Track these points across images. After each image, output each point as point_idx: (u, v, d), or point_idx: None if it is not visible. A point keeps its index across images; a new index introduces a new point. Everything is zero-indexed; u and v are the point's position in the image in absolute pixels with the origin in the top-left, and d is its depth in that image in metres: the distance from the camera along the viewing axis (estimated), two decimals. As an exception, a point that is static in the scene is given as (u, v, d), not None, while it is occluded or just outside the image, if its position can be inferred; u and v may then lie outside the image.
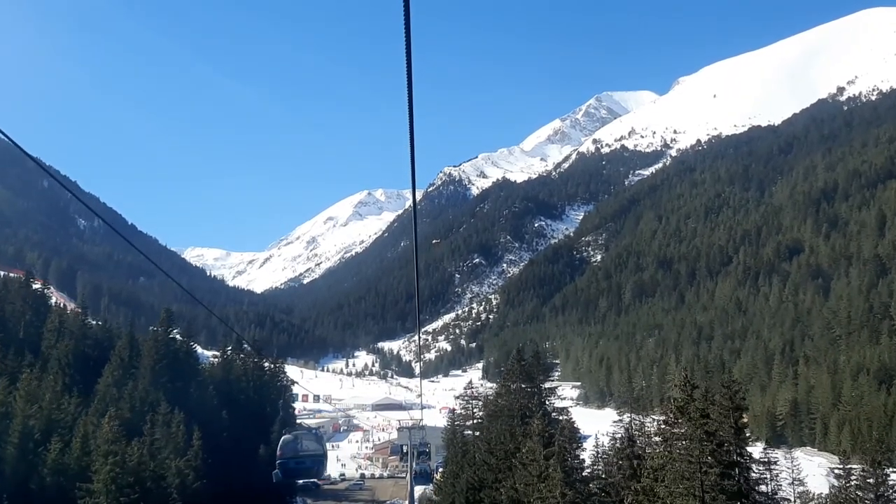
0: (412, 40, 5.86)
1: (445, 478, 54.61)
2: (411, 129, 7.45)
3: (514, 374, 46.32)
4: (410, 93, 6.66)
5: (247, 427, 65.16)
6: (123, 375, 59.25)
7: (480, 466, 43.12)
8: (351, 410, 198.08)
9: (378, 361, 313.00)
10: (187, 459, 49.76)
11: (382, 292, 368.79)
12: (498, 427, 44.98)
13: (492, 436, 45.38)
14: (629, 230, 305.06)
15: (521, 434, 39.55)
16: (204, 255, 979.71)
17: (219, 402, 64.35)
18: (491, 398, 60.34)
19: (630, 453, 28.11)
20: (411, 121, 7.23)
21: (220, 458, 55.14)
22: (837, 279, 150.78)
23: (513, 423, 44.22)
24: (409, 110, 6.98)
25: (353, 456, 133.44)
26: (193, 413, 55.63)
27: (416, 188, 8.64)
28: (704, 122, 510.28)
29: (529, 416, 44.09)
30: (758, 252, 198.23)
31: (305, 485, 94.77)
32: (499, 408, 48.10)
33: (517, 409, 45.30)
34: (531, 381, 47.63)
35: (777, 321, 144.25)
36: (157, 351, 62.10)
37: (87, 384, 58.69)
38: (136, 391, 56.11)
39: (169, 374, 61.52)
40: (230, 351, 77.45)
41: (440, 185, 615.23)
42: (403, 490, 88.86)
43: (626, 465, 27.82)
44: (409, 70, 6.26)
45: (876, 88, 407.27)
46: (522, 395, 45.78)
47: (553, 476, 27.18)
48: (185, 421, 53.16)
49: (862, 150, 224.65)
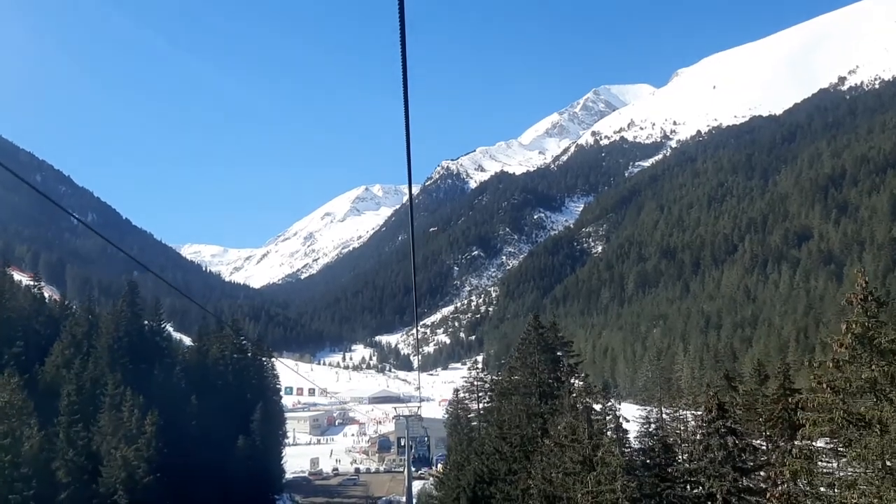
0: (408, 35, 6.03)
1: (449, 470, 48.82)
2: (406, 122, 7.45)
3: (532, 343, 39.10)
4: (405, 87, 6.71)
5: (223, 415, 58.76)
6: (76, 355, 52.78)
7: (490, 456, 37.78)
8: (347, 403, 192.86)
9: (376, 355, 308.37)
10: (137, 449, 42.63)
11: (380, 286, 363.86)
12: (512, 408, 38.71)
13: (504, 418, 39.55)
14: (630, 220, 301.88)
15: (547, 412, 33.86)
16: (201, 251, 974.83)
17: (188, 387, 57.67)
18: (501, 376, 53.67)
19: (725, 428, 21.76)
20: (406, 114, 7.26)
21: (185, 448, 48.80)
22: (850, 264, 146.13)
23: (530, 402, 37.90)
24: (405, 103, 7.03)
25: (348, 450, 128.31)
26: (157, 398, 49.01)
27: (413, 182, 9.18)
28: (704, 113, 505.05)
29: (551, 394, 38.15)
30: (765, 239, 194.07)
31: (295, 480, 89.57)
32: (513, 384, 41.53)
33: (535, 386, 38.35)
34: (552, 353, 40.60)
35: (789, 308, 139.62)
36: (118, 328, 55.77)
37: (38, 364, 52.72)
38: (87, 371, 49.51)
39: (131, 355, 55.10)
40: (209, 334, 70.88)
41: (438, 179, 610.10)
42: (400, 485, 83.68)
43: (717, 445, 21.64)
44: (404, 65, 6.34)
45: (878, 77, 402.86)
46: (542, 369, 38.57)
47: (609, 461, 21.55)
48: (145, 406, 46.52)
49: (868, 136, 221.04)
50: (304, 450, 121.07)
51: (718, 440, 21.08)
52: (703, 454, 21.85)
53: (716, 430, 21.11)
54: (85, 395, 45.00)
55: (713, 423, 21.20)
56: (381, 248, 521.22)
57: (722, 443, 21.02)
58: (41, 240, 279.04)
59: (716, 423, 21.13)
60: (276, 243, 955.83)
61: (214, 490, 49.91)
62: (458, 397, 64.38)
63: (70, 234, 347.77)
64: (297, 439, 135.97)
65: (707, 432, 21.52)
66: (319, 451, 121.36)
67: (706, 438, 21.57)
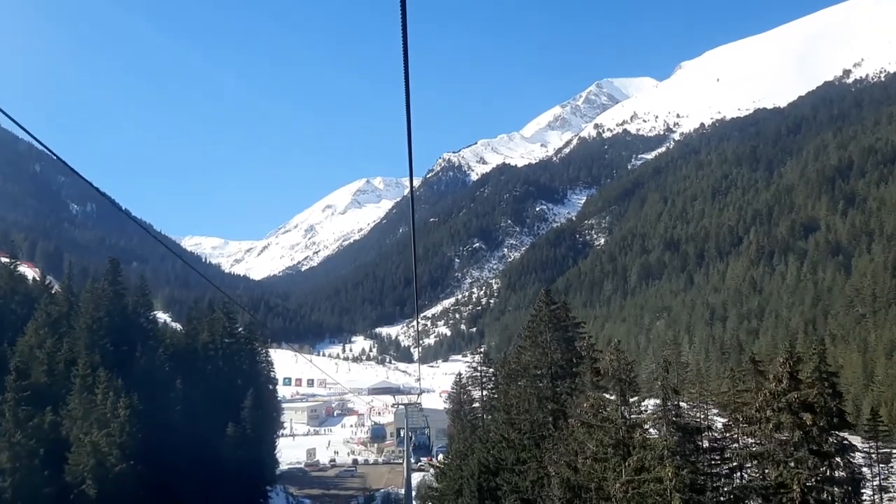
0: (409, 27, 5.95)
1: (451, 459, 46.15)
2: (408, 113, 7.35)
3: (543, 321, 35.11)
4: (406, 80, 6.64)
5: (212, 402, 55.75)
6: (52, 335, 49.55)
7: (497, 444, 35.04)
8: (346, 395, 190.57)
9: (376, 346, 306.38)
10: (108, 434, 39.27)
11: (380, 278, 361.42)
12: (520, 391, 35.44)
13: (511, 403, 36.37)
14: (633, 213, 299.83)
15: (565, 391, 31.05)
16: (202, 243, 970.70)
17: (172, 371, 54.42)
18: (509, 358, 50.21)
19: (798, 402, 18.04)
20: (408, 108, 7.17)
21: (167, 436, 45.95)
22: (859, 256, 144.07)
23: (541, 384, 34.27)
24: (406, 96, 6.97)
25: (346, 441, 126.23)
26: (138, 382, 46.19)
27: (414, 174, 8.68)
28: (708, 106, 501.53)
29: (564, 376, 34.56)
30: (770, 231, 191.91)
31: (291, 471, 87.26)
32: (522, 366, 37.37)
33: (547, 367, 34.42)
34: (565, 331, 36.23)
35: (796, 300, 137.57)
36: (98, 307, 52.73)
37: (10, 345, 49.68)
38: (61, 352, 46.64)
39: (112, 336, 51.70)
40: (200, 318, 67.76)
41: (439, 172, 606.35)
42: (399, 477, 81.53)
43: (791, 424, 17.94)
44: (406, 59, 6.27)
45: (883, 70, 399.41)
46: (554, 349, 34.58)
47: (652, 443, 18.21)
48: (124, 390, 43.28)
49: (875, 128, 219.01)
50: (301, 440, 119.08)
51: (791, 418, 18.12)
52: (770, 435, 18.81)
53: (787, 404, 18.15)
54: (57, 376, 42.31)
55: (784, 395, 18.15)
56: (381, 240, 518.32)
57: (797, 421, 18.01)
58: (39, 228, 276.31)
59: (788, 395, 18.10)
60: (277, 236, 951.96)
61: (200, 481, 47.04)
62: (460, 382, 60.65)
63: (69, 224, 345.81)
64: (294, 430, 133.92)
65: (776, 408, 18.48)
66: (317, 441, 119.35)
67: (776, 415, 18.57)
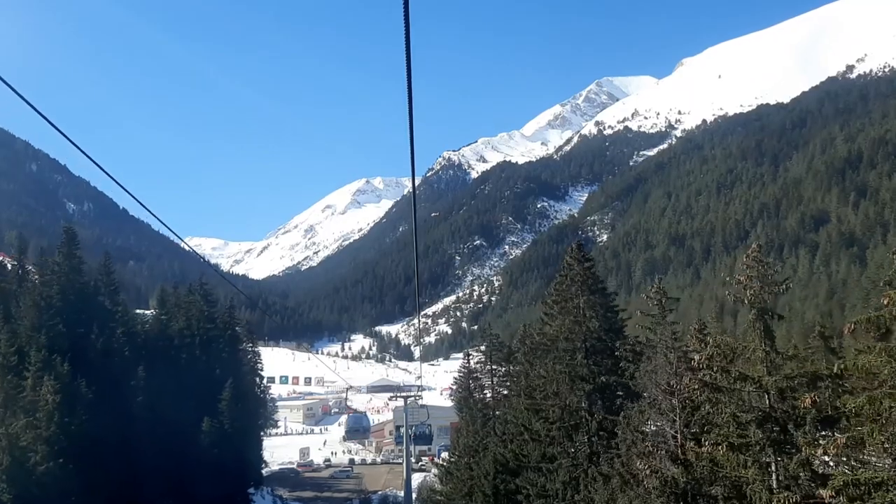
0: (411, 25, 5.90)
1: (458, 456, 41.03)
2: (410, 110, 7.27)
3: (575, 281, 27.66)
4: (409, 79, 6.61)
5: (185, 395, 50.20)
6: None
7: (517, 437, 29.45)
8: (343, 393, 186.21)
9: (375, 345, 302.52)
10: (32, 426, 33.81)
11: (380, 276, 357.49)
12: (548, 370, 27.73)
13: (536, 385, 28.93)
14: (637, 208, 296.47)
15: (628, 354, 25.00)
16: (202, 244, 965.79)
17: (135, 356, 48.78)
18: (530, 330, 41.69)
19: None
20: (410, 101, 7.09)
21: (127, 429, 40.91)
22: (874, 247, 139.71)
23: (574, 360, 26.90)
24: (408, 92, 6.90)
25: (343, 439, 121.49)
26: (93, 369, 41.48)
27: (415, 173, 8.53)
28: (710, 102, 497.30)
29: (604, 350, 27.69)
30: (779, 224, 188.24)
31: (281, 472, 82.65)
32: (549, 338, 29.80)
33: (581, 339, 27.08)
34: (602, 295, 29.07)
35: (810, 293, 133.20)
36: (48, 283, 47.29)
37: None
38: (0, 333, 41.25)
39: (65, 317, 45.89)
40: (174, 302, 62.11)
41: (439, 170, 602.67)
42: (398, 478, 77.03)
43: None
44: (408, 56, 6.22)
45: (887, 65, 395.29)
46: (590, 316, 27.12)
47: None
48: (72, 376, 38.28)
49: (883, 120, 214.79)
50: (295, 439, 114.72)
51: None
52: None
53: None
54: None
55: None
56: (381, 238, 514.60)
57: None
58: (34, 227, 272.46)
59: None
60: (277, 236, 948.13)
61: (165, 482, 42.17)
62: (469, 366, 53.85)
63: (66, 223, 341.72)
64: (289, 428, 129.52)
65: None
66: (312, 440, 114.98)
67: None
